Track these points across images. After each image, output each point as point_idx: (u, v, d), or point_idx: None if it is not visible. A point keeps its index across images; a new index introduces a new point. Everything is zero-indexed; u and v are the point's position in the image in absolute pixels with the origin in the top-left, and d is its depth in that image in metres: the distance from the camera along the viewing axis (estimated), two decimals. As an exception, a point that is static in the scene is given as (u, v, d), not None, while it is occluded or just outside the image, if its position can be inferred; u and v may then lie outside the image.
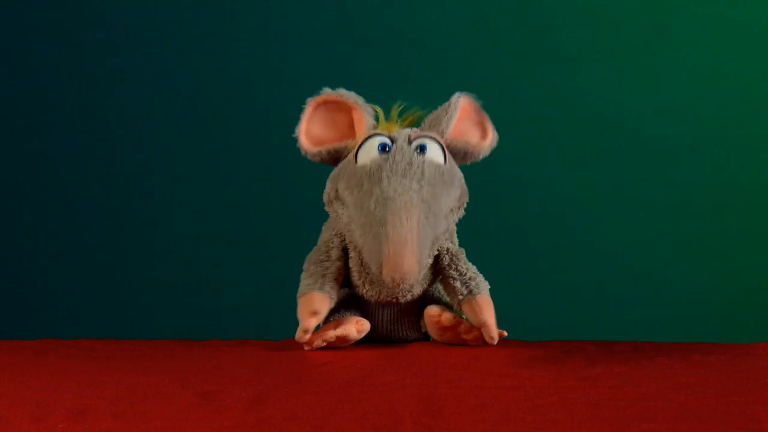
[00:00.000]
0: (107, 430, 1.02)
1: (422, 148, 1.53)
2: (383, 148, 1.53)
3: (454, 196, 1.56)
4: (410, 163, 1.50)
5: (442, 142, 1.57)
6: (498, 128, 1.64)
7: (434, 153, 1.54)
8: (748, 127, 2.42)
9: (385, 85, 1.63)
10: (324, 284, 1.57)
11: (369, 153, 1.53)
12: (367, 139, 1.55)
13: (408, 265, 1.44)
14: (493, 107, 1.65)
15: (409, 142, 1.54)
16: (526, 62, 2.45)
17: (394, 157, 1.51)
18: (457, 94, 1.62)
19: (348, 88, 1.63)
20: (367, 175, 1.51)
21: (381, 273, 1.46)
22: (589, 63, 2.44)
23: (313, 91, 1.63)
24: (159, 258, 2.50)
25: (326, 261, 1.59)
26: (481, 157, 1.63)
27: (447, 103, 1.61)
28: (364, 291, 1.60)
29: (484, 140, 1.63)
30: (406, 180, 1.48)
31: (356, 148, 1.56)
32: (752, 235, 2.41)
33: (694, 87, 2.42)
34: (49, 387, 1.21)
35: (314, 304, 1.54)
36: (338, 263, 1.59)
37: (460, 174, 1.60)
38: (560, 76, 2.44)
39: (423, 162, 1.51)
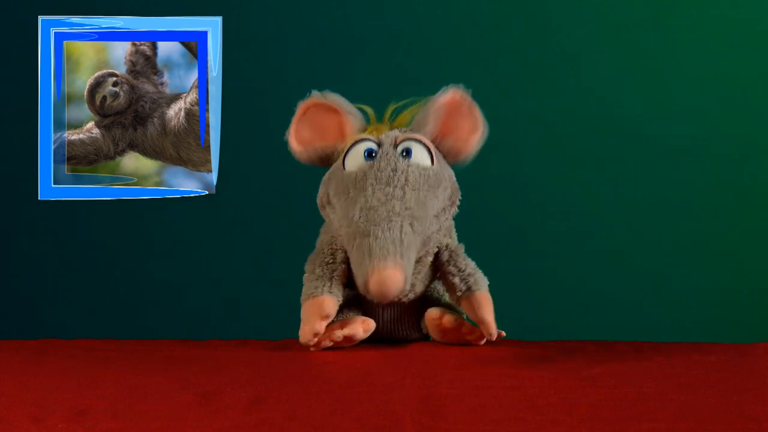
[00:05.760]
0: (107, 430, 1.02)
1: (407, 152, 1.53)
2: (369, 153, 1.53)
3: (442, 198, 1.55)
4: (395, 170, 1.50)
5: (428, 144, 1.56)
6: (497, 127, 1.63)
7: (419, 156, 1.53)
8: (749, 127, 2.41)
9: (384, 85, 1.63)
10: (332, 287, 1.55)
11: (356, 160, 1.53)
12: (354, 144, 1.55)
13: (392, 280, 1.42)
14: (492, 107, 1.64)
15: (395, 145, 1.54)
16: (526, 62, 2.45)
17: (379, 163, 1.51)
18: (443, 90, 1.59)
19: (347, 88, 1.62)
20: (353, 183, 1.51)
21: (366, 287, 1.44)
22: (589, 63, 2.44)
23: (315, 90, 1.62)
24: (159, 258, 2.50)
25: (332, 263, 1.58)
26: (471, 155, 1.61)
27: (433, 101, 1.59)
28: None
29: (470, 138, 1.59)
30: (390, 188, 1.48)
31: (343, 154, 1.55)
32: (752, 235, 2.41)
33: (694, 87, 2.42)
34: (49, 387, 1.21)
35: (326, 307, 1.53)
36: (343, 266, 1.58)
37: (450, 172, 1.59)
38: (560, 76, 2.44)
39: (408, 167, 1.51)
